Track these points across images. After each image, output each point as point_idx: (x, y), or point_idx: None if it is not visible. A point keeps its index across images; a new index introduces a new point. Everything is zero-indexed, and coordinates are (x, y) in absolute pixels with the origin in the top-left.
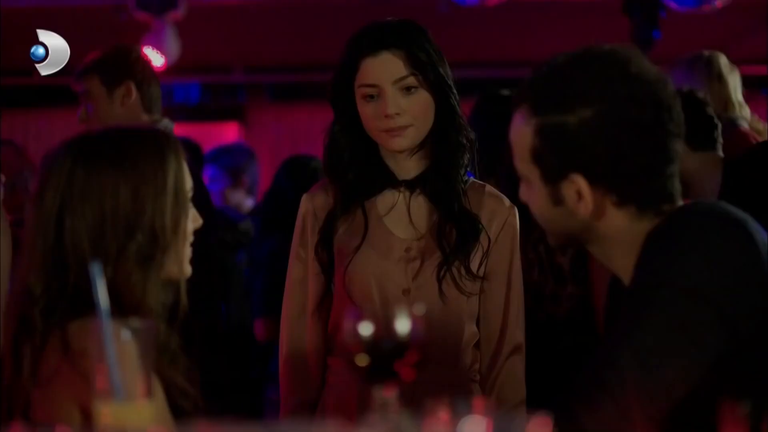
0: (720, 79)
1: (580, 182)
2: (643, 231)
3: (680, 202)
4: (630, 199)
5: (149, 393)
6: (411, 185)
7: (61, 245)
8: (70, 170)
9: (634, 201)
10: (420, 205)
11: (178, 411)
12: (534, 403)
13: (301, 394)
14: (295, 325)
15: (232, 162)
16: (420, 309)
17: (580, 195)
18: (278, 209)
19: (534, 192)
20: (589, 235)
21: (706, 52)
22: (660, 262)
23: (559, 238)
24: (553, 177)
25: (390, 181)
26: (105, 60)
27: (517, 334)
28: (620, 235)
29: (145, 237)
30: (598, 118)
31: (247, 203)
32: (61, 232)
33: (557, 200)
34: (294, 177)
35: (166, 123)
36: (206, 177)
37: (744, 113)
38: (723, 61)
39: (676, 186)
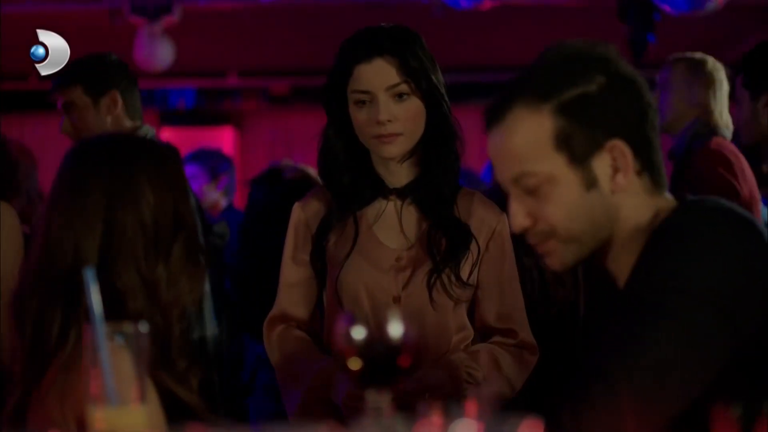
0: (705, 83)
1: (620, 145)
2: (650, 217)
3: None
4: (650, 165)
5: (143, 398)
6: (401, 194)
7: (111, 241)
8: (113, 171)
9: (649, 169)
10: (410, 213)
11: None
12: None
13: (303, 391)
14: (285, 328)
15: (212, 161)
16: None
17: (615, 165)
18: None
19: (557, 191)
20: (608, 227)
21: (697, 54)
22: (670, 265)
23: (581, 243)
24: (586, 154)
25: (380, 189)
26: (86, 69)
27: (524, 335)
28: (633, 218)
29: (188, 231)
30: (612, 82)
31: (222, 203)
32: (112, 228)
33: (590, 182)
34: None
35: (147, 129)
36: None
37: (725, 120)
38: (711, 64)
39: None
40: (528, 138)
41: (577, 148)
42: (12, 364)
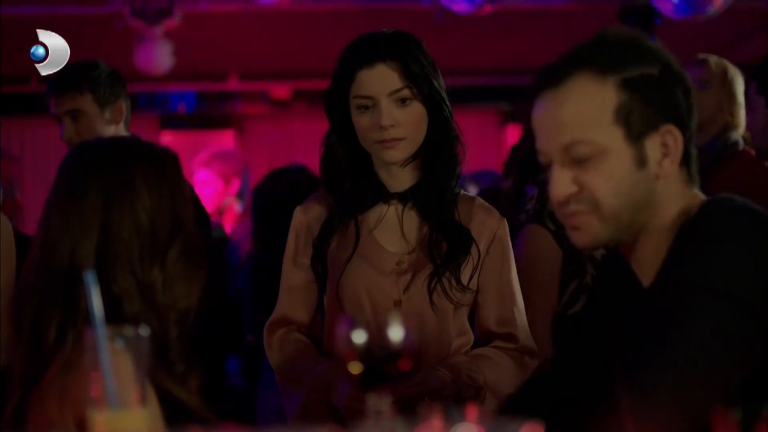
0: (731, 92)
1: (674, 131)
2: (678, 211)
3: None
4: (688, 158)
5: (143, 401)
6: (403, 198)
7: (107, 244)
8: (110, 174)
9: (688, 162)
10: (411, 217)
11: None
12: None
13: (304, 394)
14: (286, 331)
15: (222, 166)
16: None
17: (666, 150)
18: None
19: (608, 164)
20: (645, 212)
21: (731, 66)
22: (698, 264)
23: (619, 223)
24: (642, 133)
25: (382, 194)
26: (97, 77)
27: (524, 340)
28: (667, 208)
29: (186, 235)
30: (669, 71)
31: (237, 207)
32: (108, 231)
33: (641, 161)
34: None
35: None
36: (198, 180)
37: (741, 131)
38: (739, 78)
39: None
40: (589, 106)
41: (634, 124)
42: (11, 366)
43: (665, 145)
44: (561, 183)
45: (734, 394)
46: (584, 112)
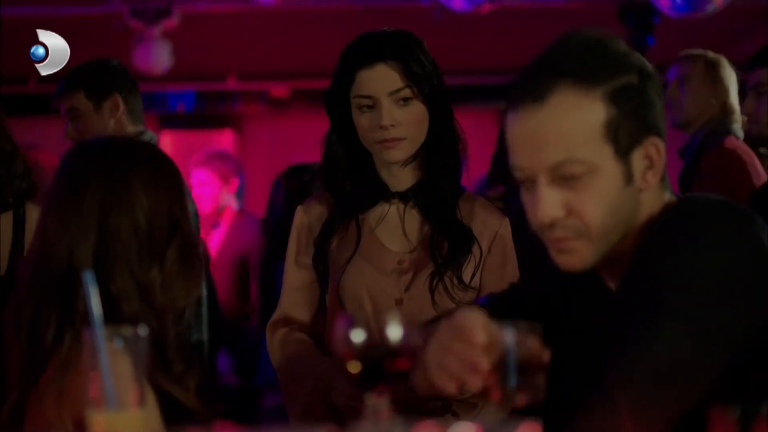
0: (727, 82)
1: (658, 143)
2: (653, 214)
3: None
4: (662, 163)
5: (141, 401)
6: (404, 197)
7: (105, 244)
8: (108, 174)
9: (663, 168)
10: (413, 217)
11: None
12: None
13: (305, 393)
14: (288, 331)
15: (222, 166)
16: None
17: (649, 163)
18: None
19: (599, 182)
20: (628, 226)
21: (710, 52)
22: (666, 262)
23: (608, 241)
24: (629, 147)
25: (383, 193)
26: (88, 74)
27: None
28: (644, 214)
29: (183, 235)
30: (645, 76)
31: (234, 206)
32: (106, 231)
33: (629, 177)
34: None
35: (150, 135)
36: (197, 180)
37: (736, 117)
38: (728, 63)
39: None
40: (580, 123)
41: (622, 139)
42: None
43: (649, 158)
44: (549, 206)
45: (732, 393)
46: (573, 128)
